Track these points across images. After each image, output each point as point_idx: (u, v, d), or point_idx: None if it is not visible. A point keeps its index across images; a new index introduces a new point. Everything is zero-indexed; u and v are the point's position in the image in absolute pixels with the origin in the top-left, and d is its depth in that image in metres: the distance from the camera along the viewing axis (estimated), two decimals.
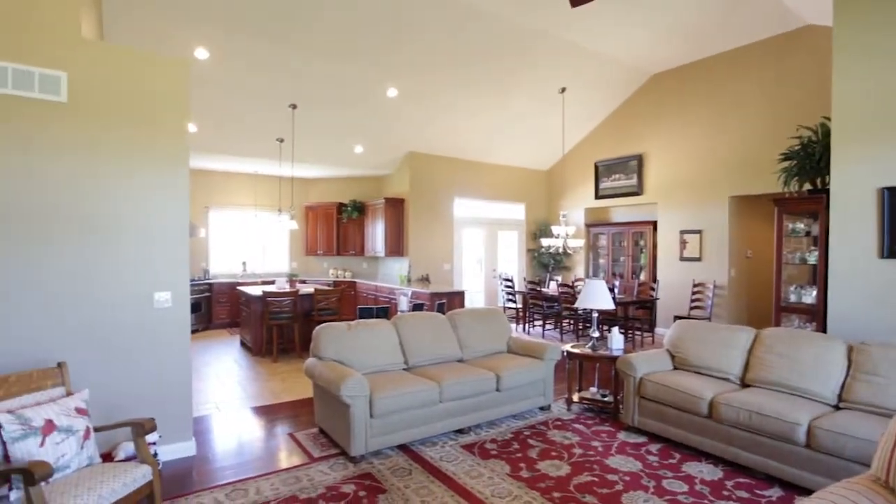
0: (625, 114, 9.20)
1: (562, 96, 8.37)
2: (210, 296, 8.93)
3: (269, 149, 8.17)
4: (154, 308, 3.40)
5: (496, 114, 8.52)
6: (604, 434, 3.94)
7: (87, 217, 3.18)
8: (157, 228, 3.41)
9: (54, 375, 2.63)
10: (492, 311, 4.97)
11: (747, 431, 3.18)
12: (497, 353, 4.70)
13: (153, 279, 3.39)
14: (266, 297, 6.43)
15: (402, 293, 4.66)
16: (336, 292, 6.83)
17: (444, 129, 8.63)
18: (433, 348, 4.32)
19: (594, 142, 9.84)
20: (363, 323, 4.12)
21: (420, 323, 4.40)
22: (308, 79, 6.67)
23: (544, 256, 10.56)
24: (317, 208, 10.18)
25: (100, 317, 3.21)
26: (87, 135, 3.19)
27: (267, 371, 5.99)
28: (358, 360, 3.89)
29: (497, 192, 10.30)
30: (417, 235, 9.14)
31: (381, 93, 7.27)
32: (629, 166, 9.18)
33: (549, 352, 4.47)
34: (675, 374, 3.87)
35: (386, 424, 3.50)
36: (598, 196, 9.80)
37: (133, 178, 3.33)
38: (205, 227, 9.35)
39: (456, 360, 4.46)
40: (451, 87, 7.47)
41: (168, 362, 3.45)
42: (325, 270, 10.54)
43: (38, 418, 2.35)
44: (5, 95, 2.99)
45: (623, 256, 9.57)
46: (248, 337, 7.10)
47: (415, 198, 9.13)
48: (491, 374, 4.06)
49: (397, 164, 9.46)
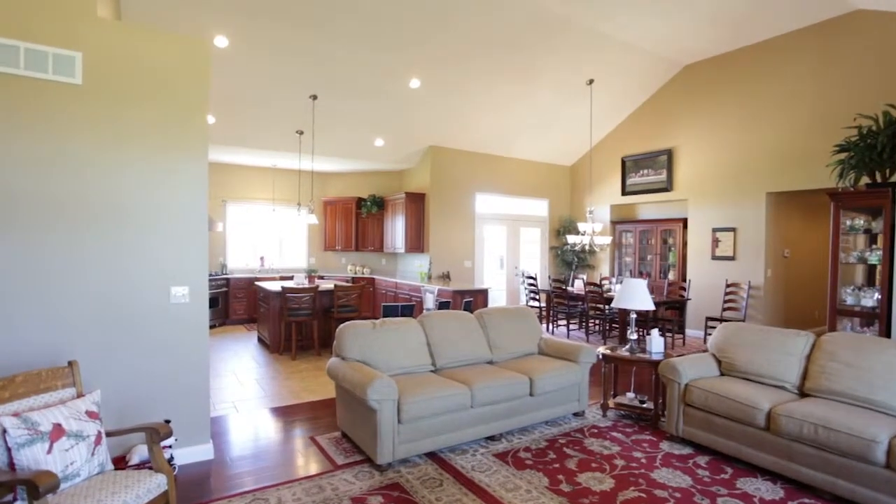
0: (654, 107, 8.85)
1: (589, 88, 8.07)
2: (227, 291, 8.80)
3: (288, 141, 8.00)
4: (171, 303, 3.21)
5: (520, 107, 8.24)
6: (645, 444, 3.67)
7: (101, 206, 3.00)
8: (174, 218, 3.22)
9: (64, 375, 2.45)
10: (522, 310, 4.72)
11: (812, 447, 2.89)
12: (528, 355, 4.45)
13: (170, 272, 3.21)
14: (285, 294, 6.25)
15: (427, 291, 4.43)
16: (356, 289, 6.63)
17: (466, 123, 8.38)
18: (462, 349, 4.09)
19: (621, 136, 9.50)
20: (389, 321, 3.90)
21: (448, 322, 4.17)
22: (330, 68, 6.47)
23: (568, 254, 10.26)
24: (335, 203, 10.00)
25: (113, 312, 3.03)
26: (101, 119, 3.01)
27: (286, 369, 5.81)
28: (383, 360, 3.67)
29: (519, 187, 10.02)
30: (438, 231, 8.91)
31: (404, 84, 7.04)
32: (658, 161, 8.83)
33: (584, 354, 4.21)
34: (723, 381, 3.58)
35: (414, 430, 3.28)
36: (625, 192, 9.47)
37: (149, 164, 3.14)
38: (222, 221, 9.22)
39: (485, 362, 4.23)
40: (475, 78, 7.22)
41: (185, 361, 3.27)
42: (343, 266, 10.37)
43: (46, 422, 2.16)
44: (18, 77, 2.82)
45: (651, 255, 9.24)
46: (265, 333, 6.94)
47: (436, 193, 8.90)
48: (524, 377, 3.82)
49: (418, 158, 9.23)
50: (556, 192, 10.61)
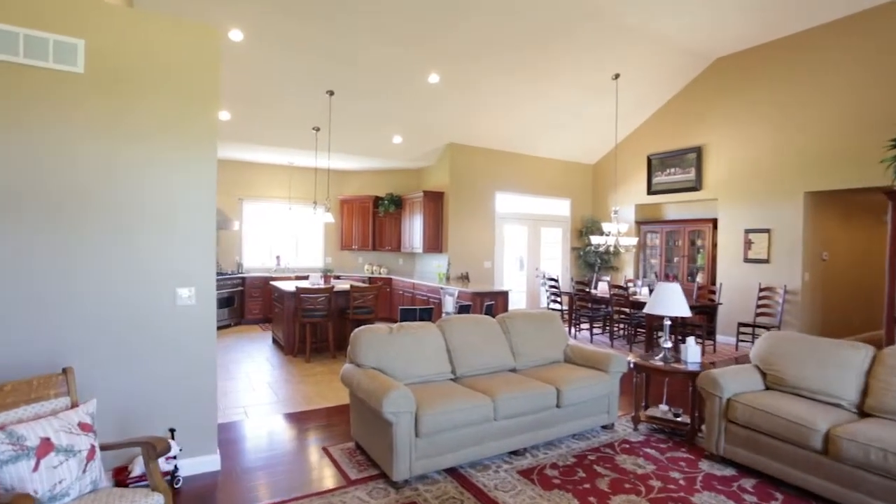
0: (683, 102, 8.49)
1: (615, 83, 7.74)
2: (243, 290, 8.68)
3: (304, 138, 7.83)
4: (176, 305, 3.03)
5: (542, 103, 7.95)
6: (682, 462, 3.38)
7: (102, 204, 2.82)
8: (180, 216, 3.04)
9: (58, 384, 2.27)
10: (547, 314, 4.45)
11: (881, 476, 2.58)
12: (554, 364, 4.19)
13: (175, 273, 3.02)
14: (299, 294, 6.08)
15: (447, 293, 4.20)
16: (373, 290, 6.43)
17: (486, 119, 8.12)
18: (484, 356, 3.84)
19: (647, 133, 9.15)
20: (406, 326, 3.67)
21: (469, 327, 3.93)
22: (347, 63, 6.27)
23: (590, 255, 9.93)
24: (352, 201, 9.83)
25: (115, 315, 2.85)
26: (104, 111, 2.83)
27: (299, 372, 5.63)
28: (401, 368, 3.44)
29: (541, 186, 9.73)
30: (457, 231, 8.67)
31: (423, 79, 6.81)
32: (687, 159, 8.46)
33: (615, 363, 3.93)
34: (770, 397, 3.27)
35: (433, 445, 3.04)
36: (651, 192, 9.11)
37: (154, 159, 2.96)
38: (238, 220, 9.11)
39: (508, 370, 3.97)
40: (496, 73, 6.95)
41: (191, 366, 3.08)
42: (359, 266, 10.19)
43: (33, 436, 1.98)
44: (17, 65, 2.66)
45: (678, 256, 8.87)
46: (280, 334, 6.77)
47: (455, 191, 8.66)
48: (550, 387, 3.55)
49: (437, 155, 9.00)
50: (579, 192, 10.29)
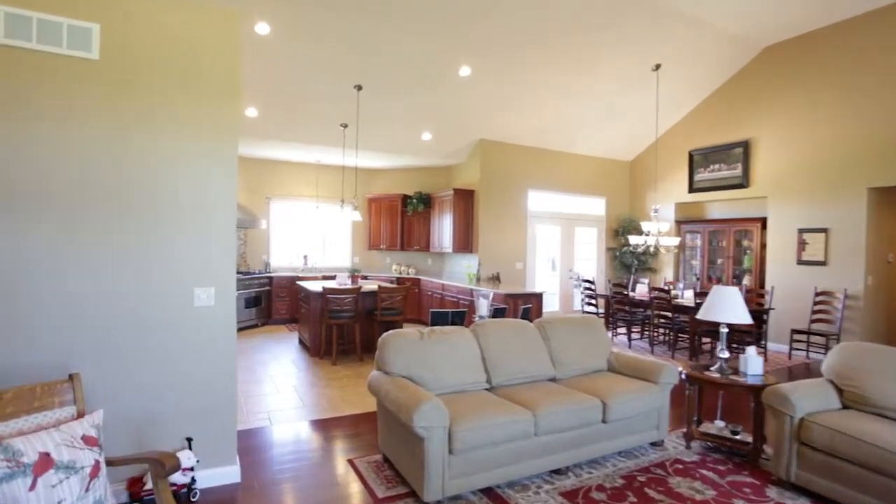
0: (728, 94, 7.99)
1: (655, 74, 7.32)
2: (270, 290, 8.58)
3: (332, 135, 7.67)
4: (194, 307, 2.84)
5: (578, 97, 7.59)
6: (746, 488, 3.02)
7: (116, 197, 2.65)
8: (198, 212, 2.84)
9: (63, 391, 2.09)
10: (588, 319, 4.13)
11: None
12: (597, 373, 3.86)
13: (193, 272, 2.83)
14: (326, 294, 5.89)
15: (481, 295, 3.92)
16: (401, 291, 6.20)
17: (519, 114, 7.81)
18: (521, 364, 3.55)
19: (689, 128, 8.67)
20: (439, 331, 3.41)
21: (505, 333, 3.64)
22: (375, 56, 6.06)
23: (627, 256, 9.49)
24: (380, 200, 9.64)
25: (127, 317, 2.67)
26: (119, 99, 2.66)
27: (325, 375, 5.43)
28: (432, 376, 3.18)
29: (575, 184, 9.35)
30: (488, 230, 8.38)
31: (454, 72, 6.55)
32: (732, 155, 7.97)
33: (665, 374, 3.58)
34: (852, 418, 2.88)
35: (468, 462, 2.77)
36: (693, 189, 8.63)
37: (171, 151, 2.78)
38: (266, 219, 9.03)
39: (547, 380, 3.67)
40: (530, 65, 6.63)
41: (209, 371, 2.89)
42: (387, 266, 10.00)
43: (31, 451, 1.79)
44: (29, 51, 2.50)
45: (722, 258, 8.37)
46: (306, 335, 6.61)
47: (485, 189, 8.37)
48: (595, 400, 3.24)
49: (467, 152, 8.73)
50: (615, 190, 9.86)
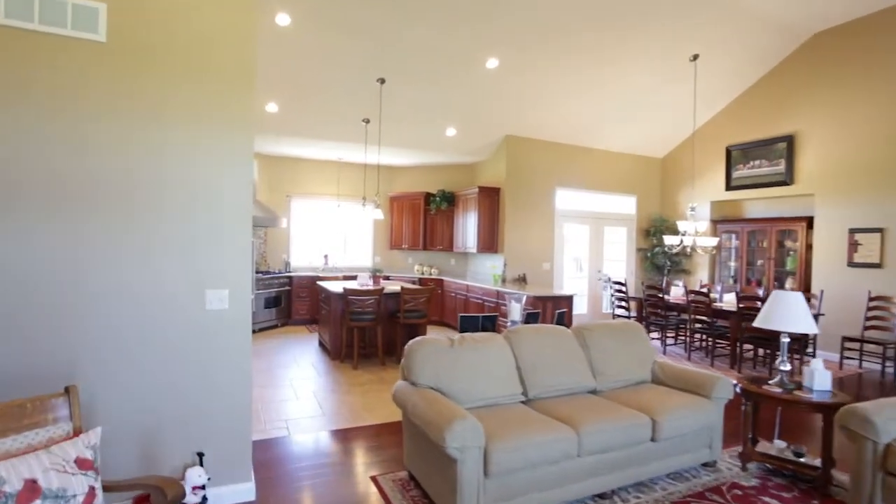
0: (771, 85, 7.53)
1: (693, 65, 6.92)
2: (290, 290, 8.41)
3: (354, 131, 7.45)
4: (206, 310, 2.61)
5: (609, 90, 7.23)
6: None
7: (122, 191, 2.44)
8: (211, 208, 2.62)
9: (57, 406, 1.87)
10: (630, 326, 3.80)
11: None
12: (640, 384, 3.54)
13: (204, 274, 2.61)
14: (347, 296, 5.66)
15: (513, 298, 3.63)
16: (425, 292, 5.94)
17: (547, 109, 7.48)
18: (559, 375, 3.25)
19: (726, 122, 8.23)
20: (470, 339, 3.13)
21: (542, 340, 3.34)
22: (399, 47, 5.81)
23: (658, 257, 9.08)
24: (402, 198, 9.40)
25: (132, 321, 2.46)
26: (128, 86, 2.45)
27: (346, 380, 5.20)
28: (463, 389, 2.91)
29: (605, 182, 8.98)
30: (514, 230, 8.07)
31: (480, 64, 6.26)
32: (775, 150, 7.51)
33: (719, 388, 3.24)
34: None
35: (505, 486, 2.49)
36: (730, 187, 8.19)
37: (183, 143, 2.55)
38: (286, 217, 8.87)
39: (587, 392, 3.36)
40: (559, 57, 6.30)
41: (223, 380, 2.66)
42: (409, 266, 9.76)
43: (16, 478, 1.57)
44: (32, 33, 2.31)
45: (762, 259, 7.91)
46: (326, 338, 6.40)
47: (511, 187, 8.06)
48: (644, 417, 2.92)
49: (492, 149, 8.43)
50: (646, 188, 9.45)
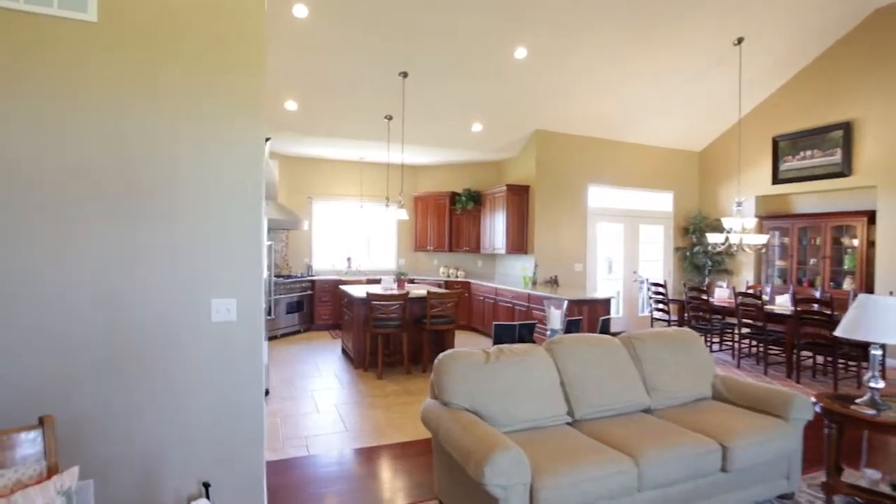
0: (823, 69, 6.96)
1: (737, 49, 6.41)
2: (312, 294, 8.17)
3: (376, 129, 7.16)
4: (211, 322, 2.31)
5: (644, 80, 6.76)
6: None
7: (115, 188, 2.15)
8: (217, 207, 2.32)
9: (27, 443, 1.58)
10: (685, 334, 3.38)
11: None
12: (700, 401, 3.12)
13: (211, 281, 2.31)
14: (370, 301, 5.35)
15: (552, 304, 3.26)
16: (453, 296, 5.59)
17: (578, 102, 7.06)
18: (609, 392, 2.86)
19: (772, 111, 7.66)
20: (508, 352, 2.76)
21: (587, 352, 2.96)
22: (422, 38, 5.48)
23: (698, 256, 8.54)
24: (427, 198, 9.08)
25: (125, 335, 2.17)
26: (121, 70, 2.17)
27: (370, 391, 4.89)
28: (502, 409, 2.55)
29: (640, 178, 8.49)
30: (544, 230, 7.66)
31: (508, 55, 5.89)
32: (829, 139, 6.93)
33: (796, 407, 2.80)
34: None
35: None
36: (778, 180, 7.62)
37: (182, 131, 2.26)
38: (308, 220, 8.64)
39: (641, 411, 2.96)
40: (592, 45, 5.88)
41: (231, 402, 2.36)
42: (434, 268, 9.43)
43: None
44: (16, 13, 2.04)
45: (815, 258, 7.32)
46: (349, 344, 6.11)
47: (541, 185, 7.66)
48: (712, 443, 2.51)
49: (520, 145, 8.04)
50: (683, 183, 8.92)
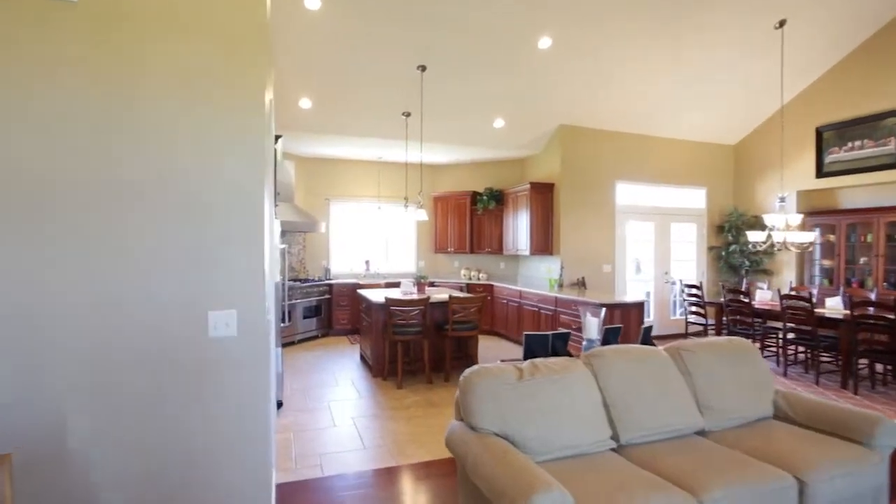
0: (875, 51, 6.44)
1: (779, 33, 5.96)
2: (330, 298, 7.94)
3: (393, 126, 6.89)
4: (208, 337, 2.05)
5: (675, 70, 6.34)
6: None
7: (98, 187, 1.90)
8: (213, 208, 2.05)
9: None
10: (739, 344, 3.01)
11: None
12: (761, 422, 2.75)
13: (207, 290, 2.04)
14: (389, 306, 5.07)
15: (588, 310, 2.92)
16: (476, 301, 5.28)
17: (605, 94, 6.68)
18: (658, 412, 2.51)
19: (815, 99, 7.16)
20: (543, 368, 2.44)
21: (631, 366, 2.61)
22: (441, 29, 5.19)
23: (735, 256, 8.06)
24: (447, 198, 8.78)
25: (112, 351, 1.91)
26: (105, 55, 1.92)
27: (389, 402, 4.61)
28: (538, 435, 2.23)
29: (670, 174, 8.06)
30: (570, 229, 7.30)
31: (532, 45, 5.56)
32: (882, 127, 6.42)
33: (882, 432, 2.41)
34: None
35: None
36: (822, 174, 7.12)
37: (171, 122, 2.00)
38: (325, 222, 8.42)
39: (694, 433, 2.61)
40: (621, 34, 5.50)
41: (232, 428, 2.09)
42: (455, 271, 9.12)
43: None
44: None
45: (864, 257, 6.81)
46: (367, 351, 5.84)
47: (567, 182, 7.29)
48: (786, 476, 2.15)
49: (544, 142, 7.69)
50: (717, 179, 8.44)
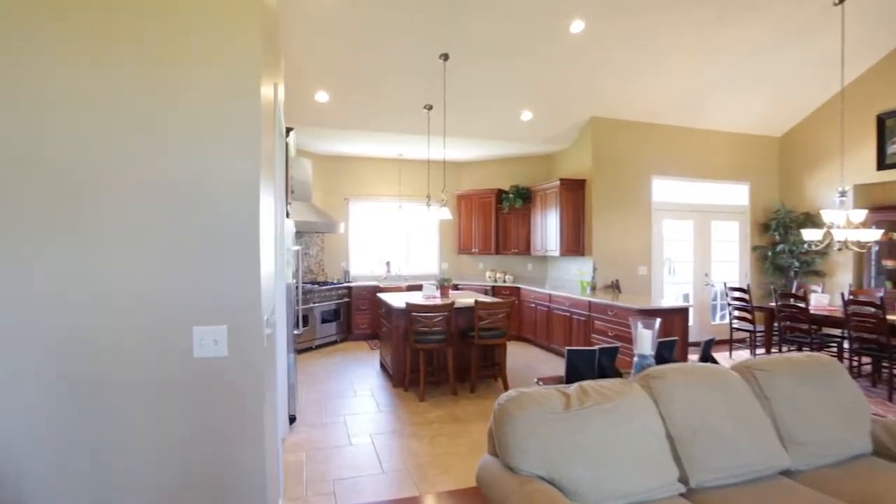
0: None
1: (839, 9, 5.39)
2: (349, 302, 7.62)
3: (414, 120, 6.53)
4: (193, 357, 1.70)
5: (717, 55, 5.81)
6: None
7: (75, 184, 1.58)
8: (201, 207, 1.71)
9: None
10: (823, 361, 2.54)
11: None
12: (860, 458, 2.28)
13: (191, 303, 1.70)
14: (410, 312, 4.71)
15: (639, 321, 2.48)
16: (504, 306, 4.88)
17: (641, 82, 6.19)
18: (733, 447, 2.07)
19: (876, 83, 6.54)
20: (593, 394, 2.02)
21: (699, 391, 2.18)
22: (465, 14, 4.80)
23: (783, 256, 7.47)
24: (471, 197, 8.38)
25: (81, 373, 1.58)
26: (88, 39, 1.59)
27: (410, 417, 4.24)
28: (591, 478, 1.81)
29: (710, 168, 7.51)
30: (603, 228, 6.83)
31: (563, 29, 5.12)
32: None
33: None
34: None
35: None
36: (885, 165, 6.50)
37: (163, 112, 1.66)
38: (345, 222, 8.11)
39: (778, 473, 2.16)
40: (658, 14, 5.03)
41: (221, 461, 1.74)
42: (480, 272, 8.71)
43: None
44: None
45: None
46: (387, 359, 5.49)
47: (599, 178, 6.83)
48: None
49: (574, 135, 7.23)
50: (761, 173, 7.85)
